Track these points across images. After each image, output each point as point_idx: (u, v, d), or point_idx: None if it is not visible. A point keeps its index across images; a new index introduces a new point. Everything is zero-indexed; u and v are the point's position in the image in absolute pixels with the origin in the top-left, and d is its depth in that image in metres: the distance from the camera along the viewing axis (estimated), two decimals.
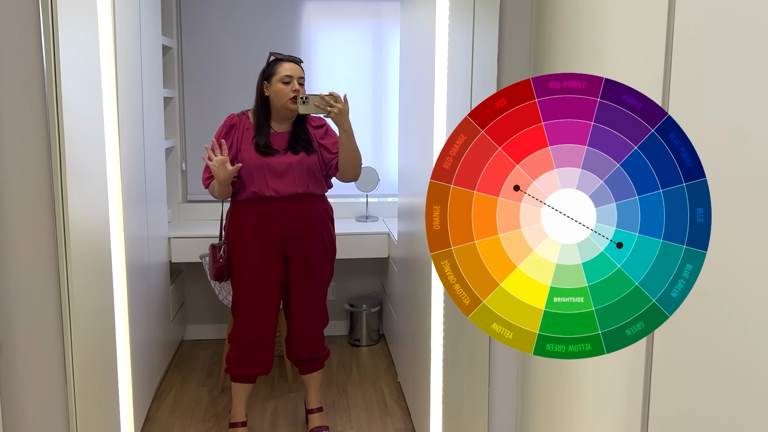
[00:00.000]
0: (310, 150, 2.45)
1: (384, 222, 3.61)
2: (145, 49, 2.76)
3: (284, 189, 2.41)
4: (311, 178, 2.45)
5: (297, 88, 2.39)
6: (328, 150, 2.48)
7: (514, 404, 1.71)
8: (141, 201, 2.68)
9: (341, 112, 2.30)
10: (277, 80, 2.39)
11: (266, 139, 2.42)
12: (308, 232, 2.46)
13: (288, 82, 2.38)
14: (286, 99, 2.38)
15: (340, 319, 3.75)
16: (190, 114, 3.61)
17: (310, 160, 2.44)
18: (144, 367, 2.68)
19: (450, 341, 1.74)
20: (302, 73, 2.43)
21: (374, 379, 3.22)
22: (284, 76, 2.39)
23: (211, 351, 3.55)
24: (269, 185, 2.40)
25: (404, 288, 2.88)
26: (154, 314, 2.89)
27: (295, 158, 2.42)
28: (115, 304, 2.00)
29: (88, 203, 1.85)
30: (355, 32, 3.65)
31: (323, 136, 2.51)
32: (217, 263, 2.48)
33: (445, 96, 1.70)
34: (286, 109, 2.40)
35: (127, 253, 2.40)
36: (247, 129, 2.45)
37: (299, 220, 2.45)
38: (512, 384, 1.71)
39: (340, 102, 2.30)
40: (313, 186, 2.46)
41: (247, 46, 3.57)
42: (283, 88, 2.39)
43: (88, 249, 1.82)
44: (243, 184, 2.42)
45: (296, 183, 2.42)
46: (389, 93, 3.68)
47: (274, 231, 2.43)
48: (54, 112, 1.62)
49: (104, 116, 1.94)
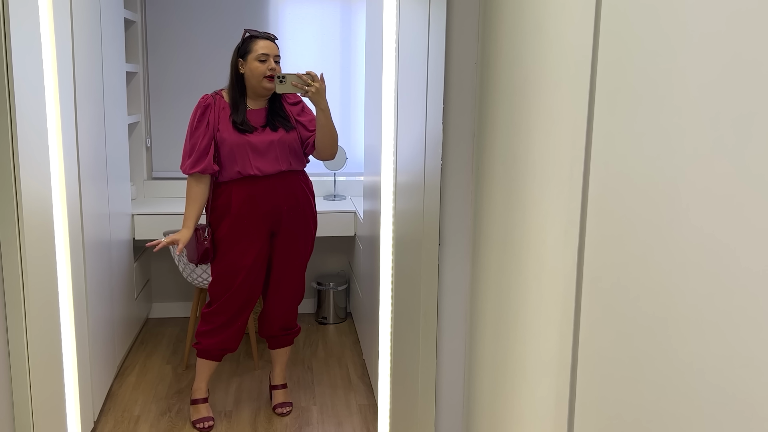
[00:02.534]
0: (289, 127, 2.45)
1: (351, 200, 3.62)
2: (105, 22, 2.71)
3: (267, 167, 2.40)
4: (293, 155, 2.46)
5: (273, 66, 2.36)
6: (305, 127, 2.49)
7: (461, 376, 1.74)
8: (101, 177, 2.65)
9: (318, 91, 2.30)
10: (252, 58, 2.36)
11: (243, 117, 2.40)
12: (294, 208, 2.48)
13: (264, 60, 2.36)
14: (262, 77, 2.36)
15: (308, 297, 3.76)
16: (154, 89, 3.56)
17: (290, 137, 2.44)
18: (105, 343, 2.67)
19: (400, 317, 1.76)
20: (278, 51, 2.41)
21: (339, 356, 3.24)
22: (260, 54, 2.36)
23: (177, 329, 3.54)
24: (252, 164, 2.39)
25: (368, 266, 2.90)
26: (117, 291, 2.87)
27: (275, 136, 2.41)
28: (59, 280, 1.98)
29: (38, 179, 1.83)
30: (324, 9, 3.62)
31: (300, 113, 2.51)
32: (202, 245, 2.45)
33: (395, 73, 1.70)
34: (262, 87, 2.38)
35: (86, 229, 2.37)
36: (222, 108, 2.42)
37: (285, 197, 2.46)
38: (459, 356, 1.73)
39: (317, 81, 2.29)
40: (295, 162, 2.47)
41: (213, 21, 3.52)
42: (259, 66, 2.36)
43: (36, 225, 1.80)
44: (225, 164, 2.40)
45: (279, 160, 2.42)
46: (357, 71, 3.66)
47: (261, 210, 2.43)
48: (3, 85, 1.60)
49: (47, 89, 1.90)
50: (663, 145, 0.81)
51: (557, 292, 1.12)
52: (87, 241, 2.38)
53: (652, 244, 0.84)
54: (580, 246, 1.03)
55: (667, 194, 0.80)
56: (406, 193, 1.77)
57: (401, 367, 1.78)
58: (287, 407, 2.69)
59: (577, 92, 1.03)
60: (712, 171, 0.72)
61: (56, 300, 1.98)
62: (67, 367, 2.07)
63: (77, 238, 2.25)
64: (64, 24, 2.13)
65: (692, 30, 0.76)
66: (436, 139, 1.62)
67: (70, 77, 2.20)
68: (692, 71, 0.76)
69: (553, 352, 1.13)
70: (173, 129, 3.56)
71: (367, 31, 2.85)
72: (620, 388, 0.92)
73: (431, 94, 1.62)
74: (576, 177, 1.04)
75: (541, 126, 1.19)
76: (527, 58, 1.25)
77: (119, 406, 2.70)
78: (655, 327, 0.84)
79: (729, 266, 0.70)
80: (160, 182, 3.63)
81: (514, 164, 1.34)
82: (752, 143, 0.66)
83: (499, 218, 1.45)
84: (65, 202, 2.05)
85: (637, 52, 0.87)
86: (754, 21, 0.66)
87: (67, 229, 2.07)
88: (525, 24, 1.26)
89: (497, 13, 1.44)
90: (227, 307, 2.48)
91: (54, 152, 1.95)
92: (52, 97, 1.95)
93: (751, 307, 0.67)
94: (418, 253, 1.67)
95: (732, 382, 0.70)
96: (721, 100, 0.71)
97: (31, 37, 1.79)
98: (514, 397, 1.35)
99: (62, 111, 2.04)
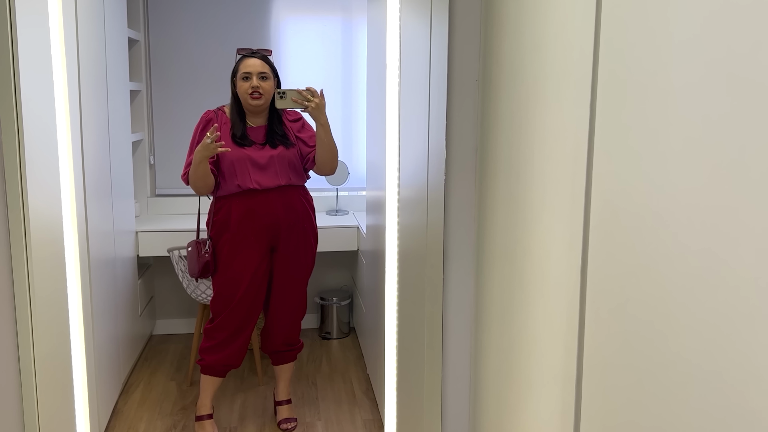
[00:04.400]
0: (288, 144, 2.48)
1: (354, 215, 3.63)
2: (110, 41, 2.74)
3: (267, 181, 2.43)
4: (292, 170, 2.48)
5: (255, 84, 2.38)
6: (306, 143, 2.52)
7: (467, 390, 1.75)
8: (106, 195, 2.67)
9: (318, 107, 2.34)
10: (239, 77, 2.41)
11: (243, 131, 2.44)
12: (294, 222, 2.49)
13: (247, 78, 2.39)
14: (247, 95, 2.40)
15: (311, 313, 3.77)
16: (158, 107, 3.59)
17: (289, 153, 2.47)
18: (110, 361, 2.68)
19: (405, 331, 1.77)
20: (264, 68, 2.42)
21: (344, 372, 3.24)
22: (243, 73, 2.40)
23: (181, 345, 3.55)
24: (252, 178, 2.42)
25: (372, 281, 2.91)
26: (121, 308, 2.88)
27: (275, 152, 2.44)
28: (69, 297, 2.00)
29: (46, 197, 1.85)
30: (325, 26, 3.66)
31: (300, 129, 2.54)
32: (202, 258, 2.48)
33: (398, 89, 1.72)
34: (249, 104, 2.42)
35: (92, 246, 2.39)
36: (224, 123, 2.47)
37: (285, 211, 2.47)
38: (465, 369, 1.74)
39: (317, 97, 2.34)
40: (295, 178, 2.50)
41: (216, 39, 3.56)
42: (243, 84, 2.40)
43: (44, 243, 1.81)
44: (225, 178, 2.43)
45: (278, 175, 2.44)
46: (358, 87, 3.70)
47: (261, 223, 2.45)
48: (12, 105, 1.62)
49: (56, 109, 1.93)
50: (663, 160, 0.83)
51: (561, 305, 1.13)
52: (92, 259, 2.40)
53: (655, 255, 0.86)
54: (583, 259, 1.05)
55: (668, 207, 0.82)
56: (409, 207, 1.79)
57: (406, 381, 1.79)
58: (292, 423, 2.68)
59: (577, 108, 1.05)
60: (714, 184, 0.74)
61: (65, 317, 1.99)
62: (76, 385, 2.08)
63: (83, 255, 2.27)
64: (71, 44, 2.16)
65: (692, 49, 0.78)
66: (440, 154, 1.64)
67: (77, 97, 2.22)
68: (692, 88, 0.78)
69: (558, 364, 1.15)
70: (176, 146, 3.59)
71: (368, 47, 2.89)
72: (625, 398, 0.93)
73: (434, 109, 1.65)
74: (578, 191, 1.06)
75: (544, 141, 1.21)
76: (528, 74, 1.28)
77: (124, 423, 2.70)
78: (659, 337, 0.85)
79: (731, 276, 0.71)
80: (163, 199, 3.65)
81: (517, 179, 1.36)
82: (753, 159, 0.68)
83: (502, 232, 1.46)
84: (75, 220, 2.07)
85: (636, 69, 0.89)
86: (757, 42, 0.68)
87: (76, 247, 2.09)
88: (526, 41, 1.28)
89: (498, 31, 1.46)
90: (229, 323, 2.49)
91: (64, 171, 1.97)
92: (62, 116, 1.98)
93: (754, 315, 0.68)
94: (423, 267, 1.69)
95: (736, 390, 0.71)
96: (722, 115, 0.73)
97: (41, 57, 1.82)
98: (520, 410, 1.36)
99: (71, 130, 2.07)
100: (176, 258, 3.06)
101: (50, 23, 1.87)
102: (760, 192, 0.67)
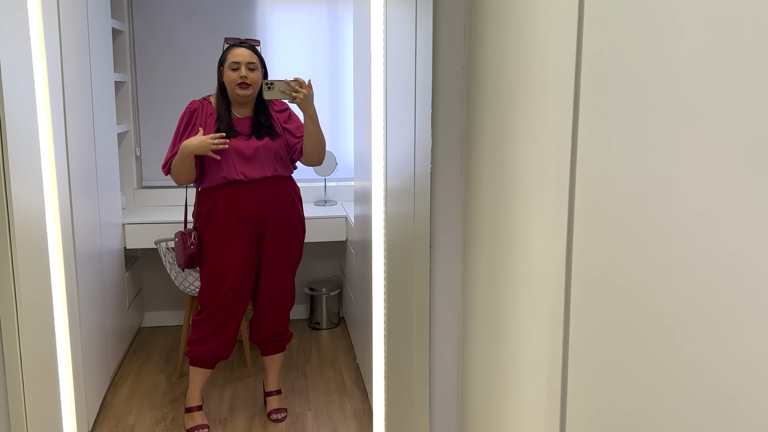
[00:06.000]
0: (274, 135, 2.46)
1: (342, 206, 3.63)
2: (93, 32, 2.71)
3: (253, 172, 2.41)
4: (278, 161, 2.46)
5: (244, 74, 2.36)
6: (292, 134, 2.50)
7: (455, 378, 1.76)
8: (92, 187, 2.65)
9: (306, 98, 2.32)
10: (227, 67, 2.38)
11: (227, 124, 2.41)
12: (280, 213, 2.48)
13: (236, 68, 2.37)
14: (235, 85, 2.37)
15: (300, 303, 3.77)
16: (143, 99, 3.56)
17: (276, 144, 2.45)
18: (98, 354, 2.67)
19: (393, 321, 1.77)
20: (253, 59, 2.39)
21: (333, 362, 3.25)
22: (231, 62, 2.37)
23: (170, 338, 3.54)
24: (238, 169, 2.39)
25: (360, 271, 2.91)
26: (109, 301, 2.87)
27: (260, 143, 2.42)
28: (53, 291, 1.98)
29: (29, 190, 1.83)
30: (311, 15, 3.64)
31: (286, 120, 2.52)
32: (188, 250, 2.46)
33: (383, 78, 1.71)
34: (236, 94, 2.39)
35: (78, 239, 2.37)
36: (210, 114, 2.44)
37: (271, 201, 2.46)
38: (452, 358, 1.75)
39: (305, 87, 2.32)
40: (281, 168, 2.48)
41: (202, 30, 3.53)
42: (231, 74, 2.38)
43: (29, 236, 1.80)
44: (210, 169, 2.41)
45: (264, 166, 2.43)
46: (345, 77, 3.68)
47: (247, 214, 2.43)
48: None
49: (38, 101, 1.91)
50: (647, 146, 0.83)
51: (547, 293, 1.14)
52: (78, 252, 2.38)
53: (639, 243, 0.86)
54: (568, 247, 1.05)
55: (653, 194, 0.82)
56: (396, 197, 1.79)
57: (395, 370, 1.80)
58: (282, 413, 2.69)
59: (561, 95, 1.05)
60: (699, 170, 0.74)
61: (50, 311, 1.98)
62: (62, 378, 2.07)
63: (69, 248, 2.25)
64: (53, 35, 2.13)
65: (674, 33, 0.78)
66: (426, 143, 1.64)
67: (59, 88, 2.20)
68: (675, 70, 0.78)
69: (544, 352, 1.15)
70: (162, 138, 3.56)
71: (354, 36, 2.87)
72: (611, 385, 0.94)
73: (419, 98, 1.64)
74: (562, 179, 1.06)
75: (528, 129, 1.21)
76: (512, 62, 1.27)
77: (114, 416, 2.69)
78: (644, 325, 0.86)
79: (714, 262, 0.72)
80: (150, 191, 3.62)
81: (501, 167, 1.36)
82: (737, 144, 0.68)
83: (488, 221, 1.47)
84: (58, 212, 2.05)
85: (620, 54, 0.89)
86: (738, 32, 0.68)
87: (60, 240, 2.07)
88: (510, 28, 1.28)
89: (483, 18, 1.46)
90: (217, 314, 2.48)
91: (45, 163, 1.95)
92: (43, 108, 1.96)
93: (739, 304, 0.69)
94: (410, 256, 1.69)
95: (721, 379, 0.72)
96: (704, 100, 0.73)
97: (21, 48, 1.79)
98: (507, 398, 1.37)
99: (53, 122, 2.04)
100: (164, 250, 3.04)
101: (29, 14, 1.84)
102: (742, 176, 0.67)
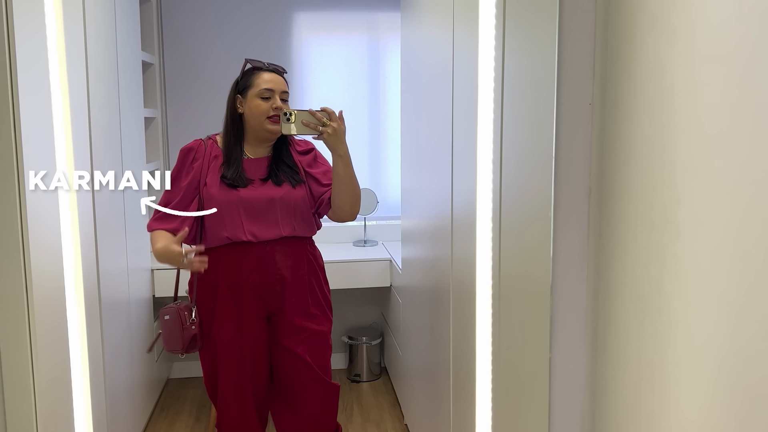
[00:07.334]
0: (297, 180, 1.97)
1: (384, 247, 3.37)
2: (123, 64, 2.52)
3: (264, 232, 1.92)
4: (298, 217, 1.96)
5: (279, 105, 1.91)
6: (318, 181, 2.00)
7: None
8: (119, 231, 2.43)
9: (336, 133, 1.83)
10: (254, 94, 1.92)
11: (235, 171, 1.92)
12: (297, 285, 1.99)
13: (268, 97, 1.91)
14: (265, 118, 1.91)
15: (338, 352, 3.49)
16: (173, 135, 3.36)
17: (297, 194, 1.95)
18: (125, 409, 2.42)
19: (498, 383, 1.49)
20: (285, 87, 1.95)
21: (378, 421, 2.95)
22: (263, 90, 1.91)
23: (200, 391, 3.27)
24: (245, 228, 1.91)
25: (414, 320, 2.62)
26: (137, 353, 2.62)
27: (278, 192, 1.93)
28: (70, 341, 1.74)
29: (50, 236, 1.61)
30: (350, 45, 3.44)
31: (311, 163, 2.03)
32: (188, 331, 1.94)
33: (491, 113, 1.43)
34: (265, 130, 1.92)
35: (104, 287, 2.15)
36: (215, 156, 1.96)
37: (284, 270, 1.96)
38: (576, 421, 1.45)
39: (335, 120, 1.83)
40: (300, 227, 1.97)
41: (235, 62, 3.33)
42: (261, 104, 1.91)
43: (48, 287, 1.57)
44: (211, 227, 1.93)
45: (280, 224, 1.93)
46: (386, 108, 3.45)
47: (251, 284, 1.95)
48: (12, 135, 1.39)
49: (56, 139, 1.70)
50: None
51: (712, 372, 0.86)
52: (104, 301, 2.15)
53: None
54: None
55: None
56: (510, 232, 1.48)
57: None
58: None
59: None
60: None
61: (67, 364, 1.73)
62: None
63: (93, 297, 2.02)
64: (79, 72, 1.93)
65: None
66: (545, 167, 1.38)
67: (86, 125, 2.00)
68: None
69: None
70: None
71: (402, 66, 2.65)
72: None
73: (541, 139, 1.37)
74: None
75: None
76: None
77: None
78: None
79: None
80: None
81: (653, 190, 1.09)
82: None
83: (632, 266, 1.20)
84: (80, 258, 1.82)
85: None
86: None
87: (81, 288, 1.84)
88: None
89: (620, 46, 1.21)
90: (233, 411, 2.02)
91: (65, 207, 1.73)
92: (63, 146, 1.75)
93: None
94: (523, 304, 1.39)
95: None
96: None
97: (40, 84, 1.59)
98: None
99: (76, 162, 1.83)
100: None
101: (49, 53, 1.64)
102: None
